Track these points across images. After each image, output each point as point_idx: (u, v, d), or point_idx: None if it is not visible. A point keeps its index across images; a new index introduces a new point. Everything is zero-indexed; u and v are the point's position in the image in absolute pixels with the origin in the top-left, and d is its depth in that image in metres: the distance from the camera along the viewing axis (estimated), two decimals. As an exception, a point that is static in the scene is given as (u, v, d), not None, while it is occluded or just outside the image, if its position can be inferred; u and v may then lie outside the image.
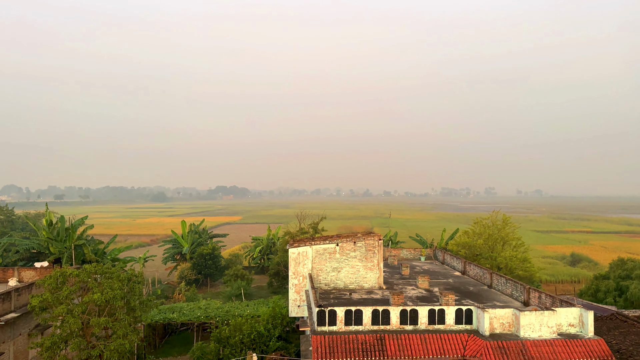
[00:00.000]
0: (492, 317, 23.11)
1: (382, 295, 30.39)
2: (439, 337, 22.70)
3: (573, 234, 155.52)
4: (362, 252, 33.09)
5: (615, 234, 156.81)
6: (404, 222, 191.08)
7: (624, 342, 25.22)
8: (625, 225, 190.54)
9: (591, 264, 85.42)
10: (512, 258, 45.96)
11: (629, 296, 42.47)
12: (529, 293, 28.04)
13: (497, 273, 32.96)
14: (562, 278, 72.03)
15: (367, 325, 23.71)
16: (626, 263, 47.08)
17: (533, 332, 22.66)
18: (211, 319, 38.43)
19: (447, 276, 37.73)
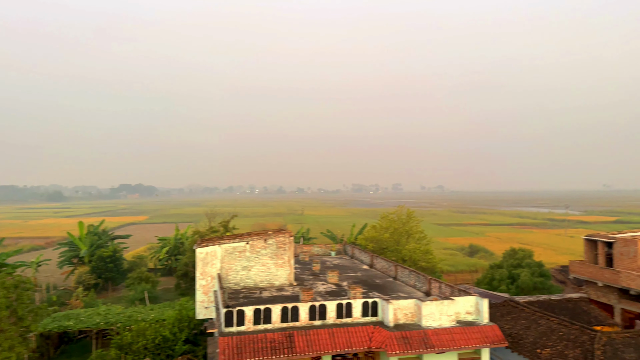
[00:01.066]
0: (396, 308, 23.89)
1: (293, 291, 30.36)
2: (346, 330, 23.06)
3: (471, 226, 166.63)
4: (273, 250, 32.83)
5: (508, 225, 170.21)
6: (317, 218, 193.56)
7: (515, 327, 27.24)
8: (517, 218, 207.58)
9: (487, 254, 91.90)
10: (415, 250, 48.08)
11: (520, 283, 46.07)
12: (431, 283, 29.40)
13: (401, 265, 34.25)
14: (462, 268, 76.72)
15: (276, 323, 23.50)
16: (517, 253, 51.02)
17: (434, 321, 23.75)
18: (112, 325, 36.20)
19: (356, 270, 38.58)
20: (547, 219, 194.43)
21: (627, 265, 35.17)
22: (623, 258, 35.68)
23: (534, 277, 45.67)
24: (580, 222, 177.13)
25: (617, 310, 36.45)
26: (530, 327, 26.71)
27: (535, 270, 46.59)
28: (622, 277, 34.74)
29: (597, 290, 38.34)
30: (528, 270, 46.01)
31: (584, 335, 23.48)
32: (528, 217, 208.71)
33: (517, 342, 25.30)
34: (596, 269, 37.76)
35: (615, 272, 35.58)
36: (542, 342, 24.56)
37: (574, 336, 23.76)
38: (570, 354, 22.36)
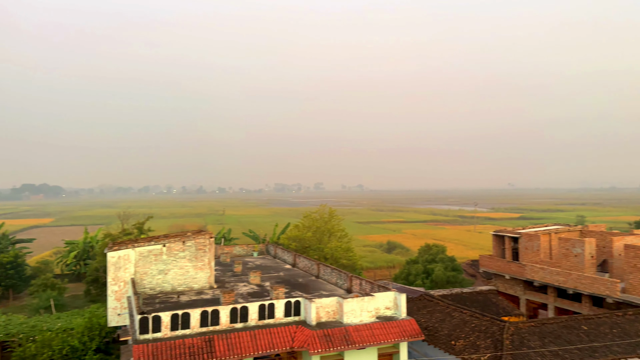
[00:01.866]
0: (318, 307, 23.94)
1: (213, 294, 29.51)
2: (268, 331, 22.73)
3: (389, 224, 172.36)
4: (192, 252, 31.71)
5: (423, 222, 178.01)
6: (238, 218, 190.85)
7: (430, 320, 28.33)
8: (431, 215, 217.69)
9: (404, 250, 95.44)
10: (337, 248, 48.73)
11: (434, 278, 48.18)
12: (352, 281, 29.83)
13: (323, 264, 34.48)
14: (380, 264, 79.07)
15: (195, 327, 22.66)
16: (432, 248, 53.37)
17: (355, 317, 24.06)
18: (13, 336, 33.22)
19: (279, 270, 38.33)
20: (458, 216, 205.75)
21: (531, 259, 37.92)
22: (527, 252, 38.43)
23: (447, 271, 47.94)
24: (488, 218, 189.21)
25: (522, 301, 39.20)
26: (444, 320, 27.90)
27: (448, 265, 48.93)
28: (526, 270, 37.37)
29: (505, 282, 41.00)
30: (442, 265, 48.21)
31: (494, 326, 24.89)
32: (441, 215, 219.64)
33: (433, 335, 26.33)
34: (503, 262, 40.34)
35: (521, 266, 38.22)
36: (456, 334, 25.74)
37: (485, 327, 25.13)
38: (481, 344, 23.60)
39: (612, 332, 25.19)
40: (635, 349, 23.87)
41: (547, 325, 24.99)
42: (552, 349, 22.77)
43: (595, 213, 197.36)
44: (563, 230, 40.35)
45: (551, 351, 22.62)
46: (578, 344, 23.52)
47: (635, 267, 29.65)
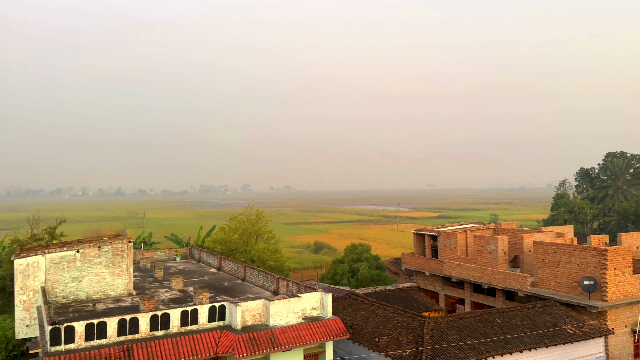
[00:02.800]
0: (244, 310, 23.56)
1: (132, 302, 28.18)
2: (191, 338, 22.04)
3: (316, 224, 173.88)
4: (109, 257, 30.09)
5: (349, 222, 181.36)
6: (160, 221, 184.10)
7: (355, 318, 28.80)
8: (357, 215, 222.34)
9: (331, 250, 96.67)
10: (264, 250, 48.35)
11: (359, 276, 49.13)
12: (278, 282, 29.69)
13: (250, 266, 34.05)
14: (308, 265, 79.53)
15: (112, 337, 21.49)
16: (357, 248, 54.41)
17: (281, 319, 23.94)
18: None
19: (203, 274, 37.35)
20: (382, 216, 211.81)
21: (449, 256, 39.70)
22: (446, 249, 40.18)
23: (372, 270, 49.10)
24: (410, 217, 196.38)
25: (441, 296, 40.94)
26: (369, 318, 28.48)
27: (373, 264, 50.14)
28: (445, 267, 39.07)
29: (425, 279, 42.63)
30: (366, 264, 49.30)
31: (415, 321, 25.75)
32: (366, 215, 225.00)
33: (357, 333, 26.78)
34: (424, 260, 41.93)
35: (440, 263, 39.90)
36: (380, 330, 26.36)
37: (407, 323, 25.94)
38: (403, 340, 24.33)
39: (523, 324, 26.92)
40: (543, 339, 25.65)
41: (464, 320, 26.25)
42: (469, 342, 23.94)
43: (507, 212, 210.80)
44: (478, 228, 42.65)
45: (468, 344, 23.76)
46: (493, 337, 24.89)
47: (543, 262, 31.91)
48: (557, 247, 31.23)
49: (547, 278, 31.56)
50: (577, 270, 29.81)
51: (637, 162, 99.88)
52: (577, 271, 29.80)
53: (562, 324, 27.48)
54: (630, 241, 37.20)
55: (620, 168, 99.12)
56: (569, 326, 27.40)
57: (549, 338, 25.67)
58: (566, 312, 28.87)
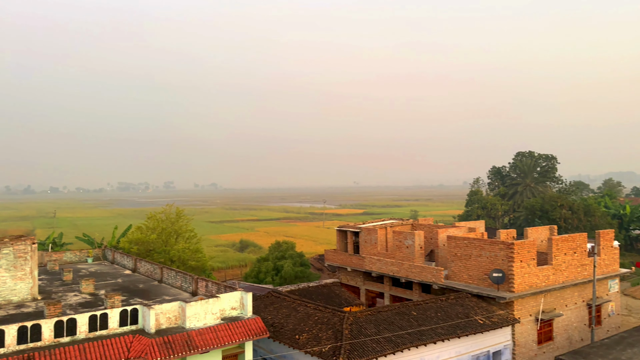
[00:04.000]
0: (158, 313, 22.59)
1: (37, 307, 26.16)
2: (100, 344, 20.78)
3: (242, 222, 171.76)
4: (10, 260, 27.71)
5: (276, 220, 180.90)
6: (73, 220, 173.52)
7: (277, 316, 28.60)
8: (284, 213, 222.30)
9: (256, 248, 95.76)
10: (185, 250, 46.86)
11: (283, 274, 48.97)
12: (197, 283, 28.83)
13: (167, 267, 32.81)
14: (232, 264, 78.24)
15: (11, 346, 19.80)
16: (282, 245, 54.20)
17: (198, 321, 23.22)
18: None
19: (117, 276, 35.51)
20: (309, 213, 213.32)
21: (370, 251, 40.55)
22: (367, 245, 41.00)
23: (296, 267, 49.13)
24: (336, 214, 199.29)
25: (362, 291, 41.75)
26: (290, 315, 28.39)
27: (297, 261, 50.19)
28: (366, 262, 39.86)
29: (347, 274, 43.29)
30: (291, 261, 49.26)
31: (335, 317, 25.98)
32: (293, 212, 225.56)
33: (278, 331, 26.60)
34: (346, 256, 42.55)
35: (361, 258, 40.66)
36: (301, 327, 26.34)
37: (327, 319, 26.11)
38: (323, 335, 24.46)
39: (437, 315, 28.01)
40: (455, 329, 26.81)
41: (382, 313, 26.87)
42: (386, 335, 24.51)
43: (426, 208, 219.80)
44: (397, 224, 43.91)
45: (385, 337, 24.33)
46: (409, 329, 25.67)
47: (456, 255, 33.40)
48: (469, 242, 32.81)
49: (460, 271, 33.09)
50: (487, 263, 31.48)
51: (543, 161, 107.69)
52: (487, 264, 31.47)
53: (473, 314, 28.90)
54: (536, 235, 39.88)
55: (529, 167, 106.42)
56: (480, 317, 28.87)
57: (460, 329, 26.89)
58: (477, 303, 30.41)
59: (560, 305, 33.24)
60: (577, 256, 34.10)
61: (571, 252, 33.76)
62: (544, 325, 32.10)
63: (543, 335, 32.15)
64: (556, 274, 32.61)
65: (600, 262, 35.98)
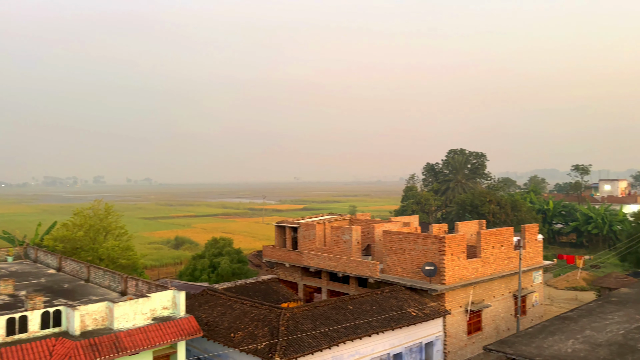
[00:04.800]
0: (83, 315, 21.39)
1: (-56, 311, 24.01)
2: (19, 348, 19.37)
3: (178, 218, 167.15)
4: None
5: (214, 216, 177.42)
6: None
7: (211, 315, 27.93)
8: (222, 208, 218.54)
9: (193, 245, 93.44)
10: (114, 248, 44.77)
11: (220, 271, 47.93)
12: (127, 282, 27.62)
13: (94, 266, 31.22)
14: (167, 262, 75.85)
15: None
16: (218, 242, 52.99)
17: (127, 322, 22.23)
18: None
19: (39, 276, 33.37)
20: (248, 209, 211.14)
21: (308, 247, 40.57)
22: (305, 240, 40.99)
23: (233, 263, 48.26)
24: (275, 210, 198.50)
25: (300, 286, 41.74)
26: (226, 313, 27.83)
27: (235, 257, 49.31)
28: (304, 257, 39.85)
29: (285, 270, 43.12)
30: (228, 258, 48.31)
31: (271, 313, 25.72)
32: (231, 208, 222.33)
33: (213, 330, 26.00)
34: (284, 251, 42.36)
35: (299, 254, 40.61)
36: (236, 325, 25.87)
37: (263, 316, 25.81)
38: (259, 333, 24.15)
39: (372, 309, 28.42)
40: (390, 322, 27.33)
41: (319, 308, 26.92)
42: (323, 330, 24.57)
43: (364, 203, 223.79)
44: (335, 219, 44.28)
45: (322, 332, 24.38)
46: (345, 323, 25.87)
47: (391, 249, 34.07)
48: (403, 236, 33.58)
49: (395, 264, 33.81)
50: (420, 256, 32.34)
51: (474, 158, 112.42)
52: (420, 257, 32.33)
53: (406, 307, 29.60)
54: (466, 229, 41.45)
55: (460, 164, 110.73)
56: (413, 309, 29.61)
57: (394, 321, 27.45)
58: (410, 296, 31.18)
59: (489, 296, 34.76)
60: (504, 249, 35.78)
61: (499, 246, 35.37)
62: (473, 316, 33.45)
63: (472, 326, 33.51)
64: (485, 266, 34.06)
65: (526, 255, 37.96)
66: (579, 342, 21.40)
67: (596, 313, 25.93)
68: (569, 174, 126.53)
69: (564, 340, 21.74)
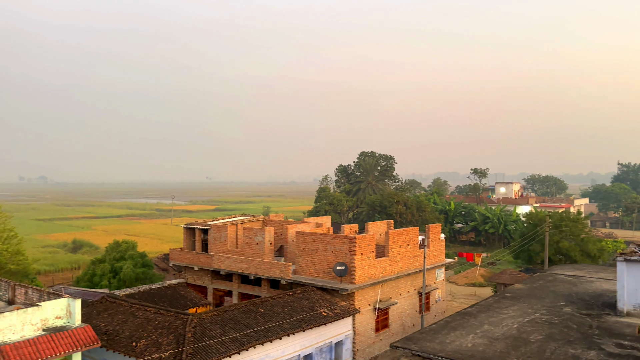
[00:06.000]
0: (-42, 330, 19.00)
1: None
2: None
3: (77, 220, 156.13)
4: None
5: (117, 217, 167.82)
6: None
7: (111, 323, 26.12)
8: (127, 209, 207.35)
9: (92, 248, 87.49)
10: (1, 252, 40.70)
11: (122, 276, 45.24)
12: (15, 290, 25.02)
13: (-25, 273, 27.98)
14: (63, 266, 70.40)
15: None
16: (121, 245, 50.04)
17: (14, 334, 20.11)
18: None
19: None
20: (156, 210, 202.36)
21: (219, 249, 39.44)
22: (216, 243, 39.81)
23: (137, 268, 45.83)
24: (186, 211, 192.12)
25: (210, 290, 40.46)
26: (127, 321, 26.15)
27: (139, 261, 46.85)
28: (214, 260, 38.68)
29: (194, 274, 41.60)
30: (131, 262, 45.79)
31: (177, 320, 24.55)
32: (137, 208, 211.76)
33: (112, 340, 24.30)
34: (193, 254, 40.84)
35: (209, 256, 39.34)
36: (139, 334, 24.38)
37: (169, 323, 24.56)
38: (164, 341, 22.92)
39: (284, 310, 28.15)
40: (301, 323, 27.21)
41: (228, 312, 26.16)
42: (232, 336, 23.86)
43: (279, 204, 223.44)
44: (248, 220, 43.49)
45: (231, 338, 23.67)
46: (255, 327, 25.34)
47: (303, 250, 34.03)
48: (316, 237, 33.69)
49: (307, 265, 33.82)
50: (332, 257, 32.61)
51: (383, 160, 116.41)
52: (332, 258, 32.60)
53: (318, 307, 29.68)
54: (375, 229, 42.54)
55: (371, 165, 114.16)
56: (324, 309, 29.76)
57: (306, 322, 27.38)
58: (322, 296, 31.33)
59: (395, 294, 35.91)
60: (410, 248, 37.15)
61: (405, 245, 36.66)
62: (381, 313, 34.35)
63: (380, 323, 34.41)
64: (392, 265, 35.12)
65: (429, 253, 39.71)
66: (478, 336, 22.61)
67: (493, 308, 27.61)
68: (469, 177, 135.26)
69: (464, 335, 22.85)
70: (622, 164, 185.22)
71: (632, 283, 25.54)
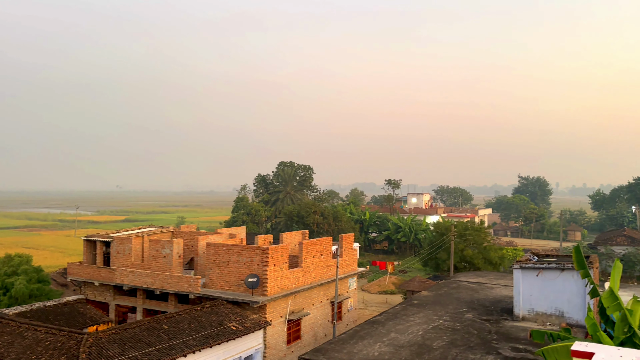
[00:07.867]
0: None
1: None
2: None
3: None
4: None
5: (14, 229, 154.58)
6: None
7: (-7, 346, 23.57)
8: (26, 220, 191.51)
9: (-18, 263, 79.36)
10: None
11: (14, 293, 41.37)
12: None
13: None
14: (-56, 284, 62.98)
15: None
16: (13, 259, 45.79)
17: None
18: None
19: None
20: (58, 220, 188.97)
21: (123, 263, 37.23)
22: (119, 256, 37.55)
23: (32, 283, 42.11)
24: (92, 222, 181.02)
25: (112, 306, 37.99)
26: (14, 343, 23.74)
27: (33, 277, 43.05)
28: (117, 275, 36.42)
29: (95, 289, 38.90)
30: (24, 278, 41.97)
31: (71, 340, 22.65)
32: (38, 219, 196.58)
33: (-6, 365, 21.92)
34: (94, 269, 38.23)
35: (111, 271, 37.00)
36: (27, 356, 22.20)
37: (61, 343, 22.59)
38: (54, 364, 21.01)
39: (190, 327, 26.95)
40: (208, 339, 26.17)
41: (129, 330, 24.58)
42: (132, 355, 22.40)
43: (195, 214, 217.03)
44: (156, 232, 41.48)
45: (131, 357, 22.20)
46: (158, 345, 23.99)
47: (214, 262, 32.96)
48: (227, 248, 32.78)
49: (218, 278, 32.78)
50: (244, 268, 31.85)
51: (302, 171, 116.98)
52: (244, 269, 31.84)
53: (227, 321, 28.76)
54: (290, 240, 42.27)
55: (289, 176, 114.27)
56: (234, 323, 28.89)
57: (213, 338, 26.38)
58: (232, 310, 30.44)
59: (308, 304, 35.79)
60: (323, 258, 37.29)
61: (318, 255, 36.74)
62: (292, 325, 34.03)
63: (292, 335, 34.06)
64: (305, 275, 35.01)
65: (342, 263, 40.11)
66: (384, 344, 22.96)
67: (400, 316, 28.27)
68: (383, 188, 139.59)
69: (372, 344, 23.12)
70: (522, 176, 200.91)
71: (527, 289, 27.27)
